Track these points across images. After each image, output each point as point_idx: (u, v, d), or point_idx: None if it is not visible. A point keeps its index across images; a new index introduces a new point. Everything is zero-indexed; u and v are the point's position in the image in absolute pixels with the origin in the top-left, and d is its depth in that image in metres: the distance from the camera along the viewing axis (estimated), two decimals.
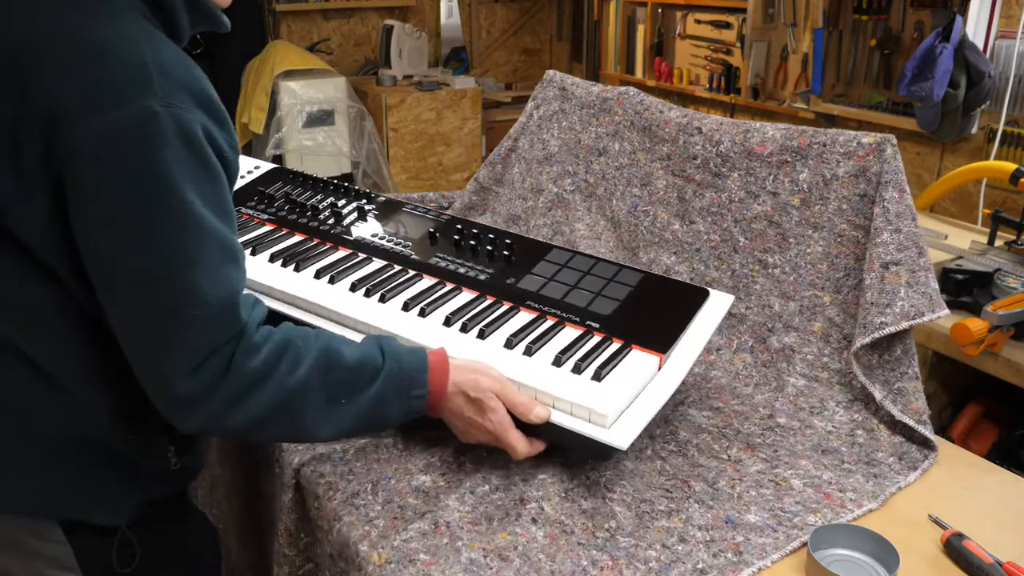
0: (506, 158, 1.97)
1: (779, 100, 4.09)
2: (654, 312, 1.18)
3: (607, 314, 1.17)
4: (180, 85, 0.90)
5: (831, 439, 1.19)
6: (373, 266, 1.30)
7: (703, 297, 1.21)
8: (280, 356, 0.96)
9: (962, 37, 3.01)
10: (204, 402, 0.93)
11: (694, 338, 1.15)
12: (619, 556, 0.96)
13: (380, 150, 4.56)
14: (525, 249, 1.31)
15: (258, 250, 1.34)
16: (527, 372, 1.06)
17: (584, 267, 1.26)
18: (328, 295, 1.22)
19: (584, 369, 1.06)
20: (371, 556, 0.95)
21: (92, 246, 0.91)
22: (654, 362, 1.09)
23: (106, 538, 1.06)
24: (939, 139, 3.31)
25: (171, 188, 0.88)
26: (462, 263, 1.28)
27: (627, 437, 0.99)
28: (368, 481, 1.08)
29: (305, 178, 1.57)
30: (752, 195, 1.41)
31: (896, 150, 1.27)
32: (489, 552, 0.96)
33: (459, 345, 1.11)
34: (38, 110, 0.87)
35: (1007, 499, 1.10)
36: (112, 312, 0.94)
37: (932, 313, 1.19)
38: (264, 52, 4.52)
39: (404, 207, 1.45)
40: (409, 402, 1.01)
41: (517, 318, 1.17)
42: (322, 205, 1.47)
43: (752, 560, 0.96)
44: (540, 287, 1.23)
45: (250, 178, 1.61)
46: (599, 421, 1.00)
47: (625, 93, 1.74)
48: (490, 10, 5.74)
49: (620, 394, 1.03)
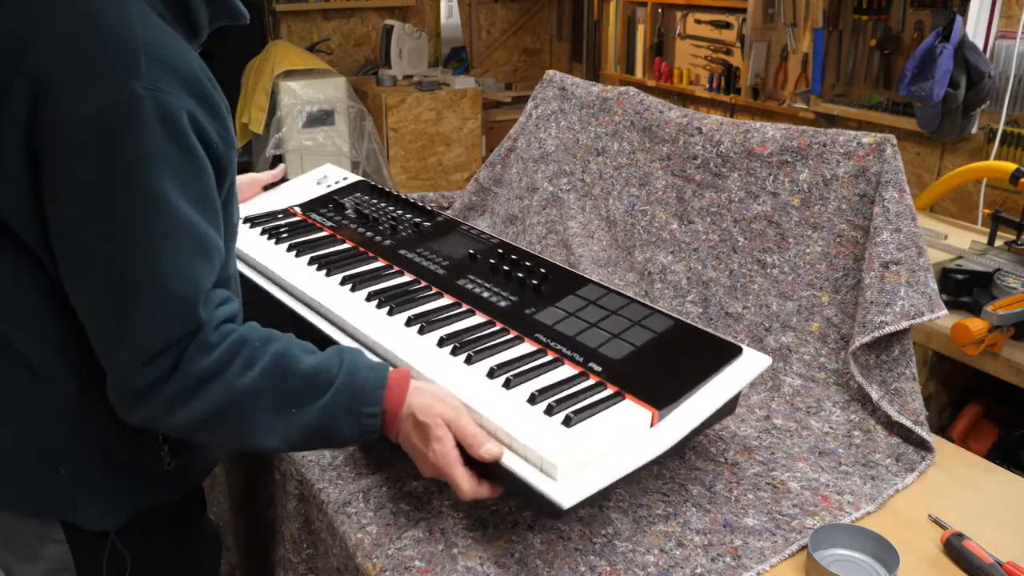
0: (505, 158, 1.97)
1: (779, 100, 4.08)
2: (669, 363, 1.06)
3: (615, 358, 1.06)
4: (169, 70, 0.88)
5: (828, 440, 1.19)
6: (398, 280, 1.28)
7: (732, 355, 1.07)
8: (233, 356, 0.92)
9: (962, 37, 3.01)
10: (150, 397, 0.90)
11: (707, 398, 1.01)
12: (617, 561, 0.96)
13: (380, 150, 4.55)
14: (559, 280, 1.24)
15: (301, 252, 1.37)
16: (495, 405, 0.97)
17: (613, 306, 1.17)
18: (341, 302, 1.21)
19: (557, 411, 0.95)
20: (366, 567, 0.94)
21: (56, 222, 0.89)
22: (645, 418, 0.95)
23: (102, 543, 1.05)
24: (939, 139, 3.31)
25: (143, 173, 0.86)
26: (489, 287, 1.24)
27: (573, 495, 0.85)
28: (359, 489, 1.07)
29: (385, 193, 1.60)
30: (752, 195, 1.41)
31: (896, 150, 1.27)
32: (486, 560, 0.95)
33: (443, 367, 1.05)
34: (25, 81, 0.85)
35: (1007, 499, 1.10)
36: (74, 295, 0.92)
37: (931, 313, 1.18)
38: (264, 52, 4.52)
39: (460, 227, 1.44)
40: (361, 420, 0.94)
41: (515, 348, 1.09)
42: (384, 218, 1.48)
43: (751, 564, 0.96)
44: (557, 321, 1.15)
45: (335, 187, 1.66)
46: (549, 471, 0.88)
47: (625, 93, 1.73)
48: (490, 10, 5.74)
49: (585, 446, 0.90)
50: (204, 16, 1.01)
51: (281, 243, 1.41)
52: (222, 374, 0.91)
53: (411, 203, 1.55)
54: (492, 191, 1.99)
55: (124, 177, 0.86)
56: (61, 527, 1.03)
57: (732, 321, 1.38)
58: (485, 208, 1.99)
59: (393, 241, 1.41)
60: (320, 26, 5.16)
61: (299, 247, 1.38)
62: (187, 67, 0.91)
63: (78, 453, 1.01)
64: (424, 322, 1.14)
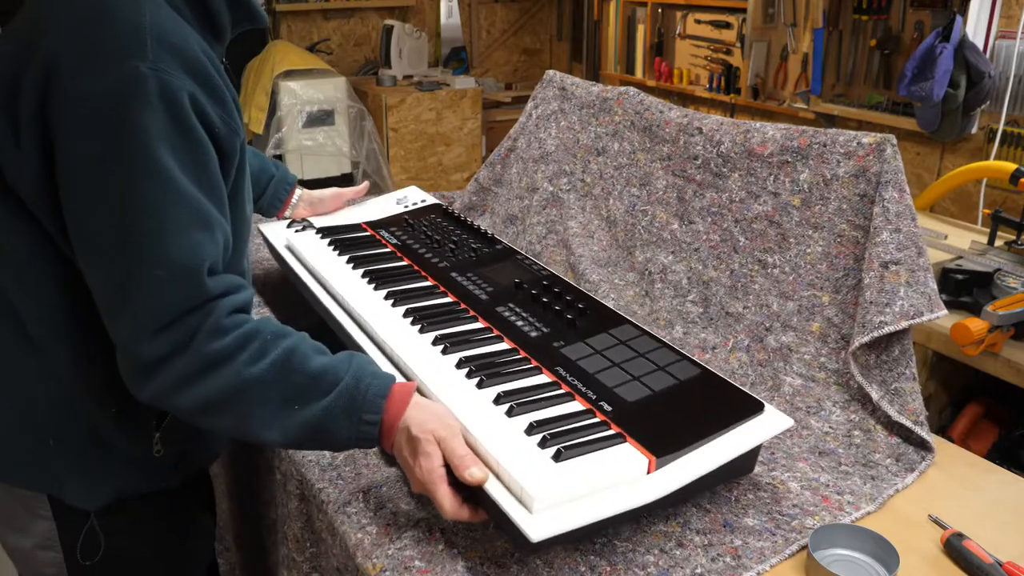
0: (505, 158, 1.97)
1: (779, 100, 4.08)
2: (682, 412, 1.04)
3: (629, 400, 1.04)
4: (173, 52, 0.91)
5: (828, 440, 1.19)
6: (439, 300, 1.31)
7: (752, 411, 1.04)
8: (244, 345, 0.94)
9: (962, 37, 3.01)
10: (160, 371, 0.92)
11: (714, 452, 0.98)
12: (617, 562, 0.96)
13: (380, 150, 4.56)
14: (596, 317, 1.24)
15: (358, 265, 1.44)
16: (493, 430, 0.97)
17: (643, 348, 1.16)
18: (378, 313, 1.26)
19: (550, 444, 0.94)
20: (366, 567, 0.94)
21: (66, 198, 0.92)
22: (642, 463, 0.93)
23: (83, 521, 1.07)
24: (939, 139, 3.31)
25: (146, 147, 0.89)
26: (525, 316, 1.25)
27: (544, 529, 0.85)
28: (359, 489, 1.07)
29: (454, 217, 1.67)
30: (753, 195, 1.41)
31: (896, 150, 1.27)
32: (486, 560, 0.95)
33: (455, 387, 1.06)
34: (38, 65, 0.89)
35: (1007, 499, 1.10)
36: (84, 268, 0.95)
37: (931, 313, 1.18)
38: (264, 52, 4.52)
39: (516, 256, 1.48)
40: (359, 426, 0.95)
41: (531, 378, 1.09)
42: (446, 241, 1.54)
43: (750, 564, 0.96)
44: (581, 357, 1.14)
45: (411, 208, 1.75)
46: (526, 502, 0.87)
47: (625, 93, 1.74)
48: (490, 10, 5.74)
49: (569, 482, 0.89)
50: (227, 18, 1.04)
51: (344, 254, 1.49)
52: (232, 360, 0.93)
53: (476, 229, 1.60)
54: (492, 191, 1.99)
55: (125, 151, 0.89)
56: (48, 501, 1.06)
57: (733, 321, 1.38)
58: (485, 208, 1.99)
59: (448, 263, 1.45)
60: (320, 26, 5.16)
61: (358, 260, 1.46)
62: (191, 51, 0.94)
63: (69, 428, 1.03)
64: (449, 343, 1.15)
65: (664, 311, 1.48)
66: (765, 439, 1.03)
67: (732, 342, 1.37)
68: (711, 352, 1.37)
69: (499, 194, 1.96)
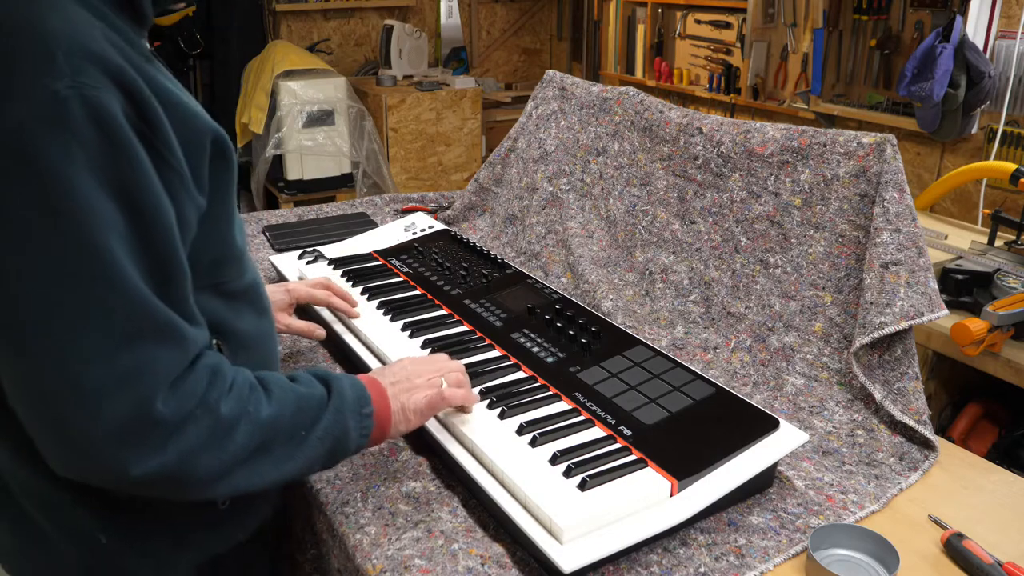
0: (505, 158, 1.97)
1: (779, 100, 4.08)
2: (700, 432, 1.05)
3: (647, 423, 1.06)
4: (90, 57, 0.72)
5: (831, 440, 1.19)
6: (455, 329, 1.33)
7: (768, 428, 1.05)
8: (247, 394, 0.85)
9: (962, 37, 3.01)
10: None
11: (734, 472, 0.99)
12: (620, 561, 0.96)
13: (380, 150, 4.55)
14: (609, 339, 1.26)
15: (373, 296, 1.46)
16: (518, 462, 0.99)
17: (657, 369, 1.17)
18: (396, 345, 1.28)
19: (574, 474, 0.96)
20: (366, 568, 0.94)
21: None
22: (665, 487, 0.95)
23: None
24: (939, 139, 3.31)
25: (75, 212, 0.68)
26: (540, 342, 1.27)
27: (576, 560, 0.86)
28: (358, 489, 1.07)
29: (464, 243, 1.68)
30: (754, 195, 1.41)
31: (896, 150, 1.27)
32: (487, 559, 0.95)
33: (478, 419, 1.08)
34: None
35: (1007, 499, 1.10)
36: None
37: (931, 313, 1.18)
38: (264, 52, 4.51)
39: (527, 280, 1.49)
40: (362, 420, 0.95)
41: (551, 406, 1.11)
42: (457, 268, 1.55)
43: (754, 563, 0.96)
44: (597, 381, 1.16)
45: (420, 235, 1.75)
46: (556, 534, 0.89)
47: (625, 93, 1.74)
48: (490, 10, 5.74)
49: (596, 511, 0.91)
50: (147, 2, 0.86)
51: (357, 285, 1.51)
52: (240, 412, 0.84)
53: (486, 254, 1.61)
54: (492, 191, 1.99)
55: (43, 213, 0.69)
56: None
57: (734, 321, 1.39)
58: (485, 208, 2.00)
59: (461, 291, 1.47)
60: (320, 26, 5.16)
61: (372, 291, 1.48)
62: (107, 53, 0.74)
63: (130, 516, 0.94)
64: (469, 373, 1.15)
65: (665, 311, 1.48)
66: (782, 455, 1.04)
67: (734, 342, 1.37)
68: (713, 352, 1.38)
69: (499, 194, 1.96)
